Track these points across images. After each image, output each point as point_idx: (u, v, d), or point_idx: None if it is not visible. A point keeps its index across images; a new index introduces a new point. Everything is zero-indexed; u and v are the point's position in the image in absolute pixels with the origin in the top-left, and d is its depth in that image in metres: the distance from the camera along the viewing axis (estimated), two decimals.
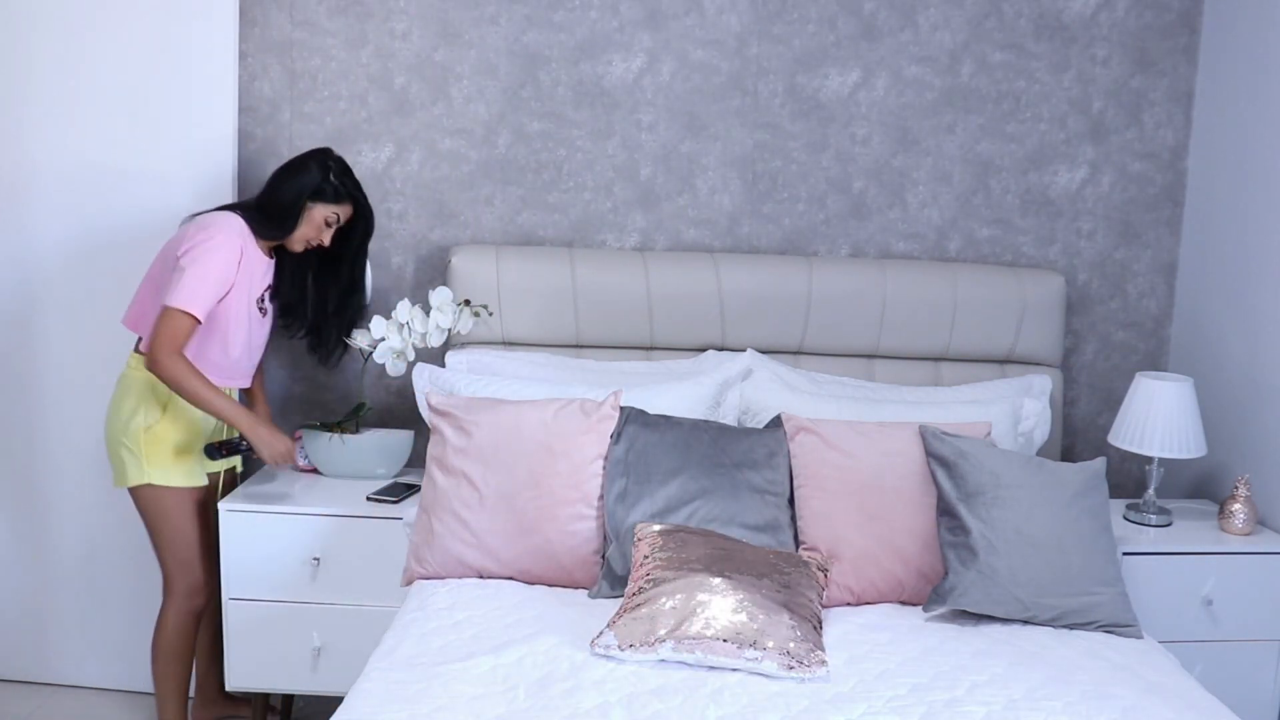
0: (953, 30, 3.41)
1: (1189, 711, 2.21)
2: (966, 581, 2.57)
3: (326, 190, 2.93)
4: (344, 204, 2.97)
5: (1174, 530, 3.13)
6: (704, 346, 3.30)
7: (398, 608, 2.65)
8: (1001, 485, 2.66)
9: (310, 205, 2.93)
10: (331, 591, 3.00)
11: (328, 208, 2.95)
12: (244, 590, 2.99)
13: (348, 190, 2.97)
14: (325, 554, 2.98)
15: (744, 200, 3.45)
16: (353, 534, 2.98)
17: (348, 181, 2.98)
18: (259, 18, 3.31)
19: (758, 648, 2.25)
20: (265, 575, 2.99)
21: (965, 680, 2.29)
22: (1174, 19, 3.45)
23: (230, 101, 3.23)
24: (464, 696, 2.13)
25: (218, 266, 2.80)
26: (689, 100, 3.40)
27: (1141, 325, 3.58)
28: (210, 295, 2.79)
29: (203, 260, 2.78)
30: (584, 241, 3.44)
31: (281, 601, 3.00)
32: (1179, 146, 3.51)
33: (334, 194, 2.94)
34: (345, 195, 2.97)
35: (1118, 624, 2.59)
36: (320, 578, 2.99)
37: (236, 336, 2.90)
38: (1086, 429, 3.58)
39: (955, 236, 3.50)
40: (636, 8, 3.36)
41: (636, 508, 2.67)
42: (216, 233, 2.82)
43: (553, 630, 2.39)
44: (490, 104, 3.38)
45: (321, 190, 2.93)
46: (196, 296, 2.76)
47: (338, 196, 2.95)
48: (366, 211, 3.05)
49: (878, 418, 2.93)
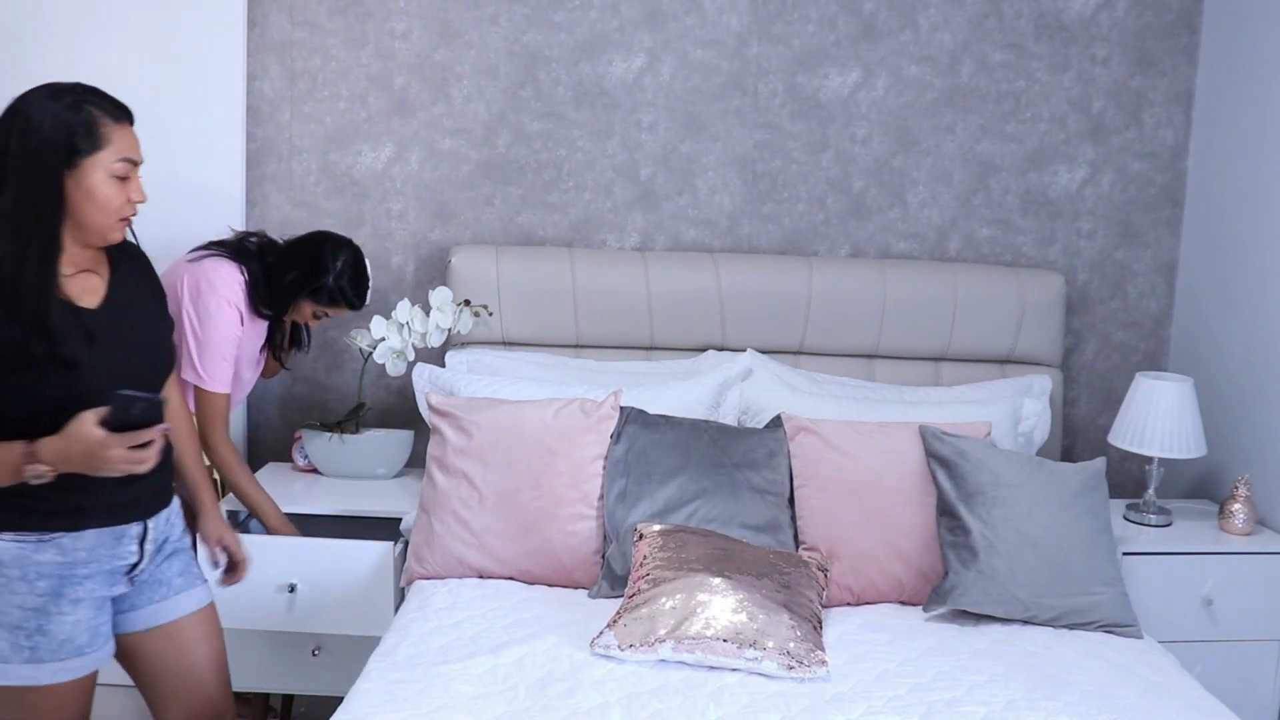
0: (953, 30, 3.41)
1: (1189, 711, 2.21)
2: (966, 581, 2.57)
3: (323, 293, 2.89)
4: (338, 306, 2.95)
5: (1174, 530, 3.13)
6: (704, 346, 3.30)
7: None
8: (1001, 485, 2.66)
9: (302, 300, 2.91)
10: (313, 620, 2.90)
11: (319, 306, 2.93)
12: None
13: (346, 298, 2.93)
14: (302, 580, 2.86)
15: (744, 200, 3.45)
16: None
17: (350, 289, 2.92)
18: (259, 18, 3.31)
19: (758, 648, 2.25)
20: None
21: (965, 680, 2.29)
22: (1174, 19, 3.45)
23: (239, 106, 3.24)
24: (464, 696, 2.13)
25: (227, 337, 2.79)
26: (689, 100, 3.40)
27: (1141, 325, 3.58)
28: (229, 366, 2.81)
29: (213, 335, 2.76)
30: (584, 241, 3.44)
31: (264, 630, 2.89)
32: (1179, 146, 3.51)
33: (330, 297, 2.91)
34: (341, 301, 2.93)
35: (1118, 624, 2.59)
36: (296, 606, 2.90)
37: (237, 381, 2.92)
38: (1086, 429, 3.58)
39: (955, 236, 3.50)
40: (636, 8, 3.36)
41: (636, 508, 2.67)
42: (221, 301, 2.77)
43: (553, 630, 2.39)
44: (490, 104, 3.38)
45: (319, 291, 2.89)
46: (221, 373, 2.79)
47: (333, 300, 2.92)
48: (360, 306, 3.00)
49: (878, 418, 2.93)
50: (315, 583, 2.86)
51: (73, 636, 2.01)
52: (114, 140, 1.96)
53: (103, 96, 1.98)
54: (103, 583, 2.05)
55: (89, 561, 2.02)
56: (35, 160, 1.89)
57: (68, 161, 1.91)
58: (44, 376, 1.90)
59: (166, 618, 2.18)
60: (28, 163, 1.89)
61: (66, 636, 2.00)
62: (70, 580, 2.00)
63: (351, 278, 2.92)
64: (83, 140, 1.92)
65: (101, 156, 1.94)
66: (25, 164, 1.89)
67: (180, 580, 2.20)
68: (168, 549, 2.18)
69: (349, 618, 2.89)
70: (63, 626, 1.99)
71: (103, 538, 2.03)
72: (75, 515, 2.00)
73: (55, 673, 2.00)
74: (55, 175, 1.91)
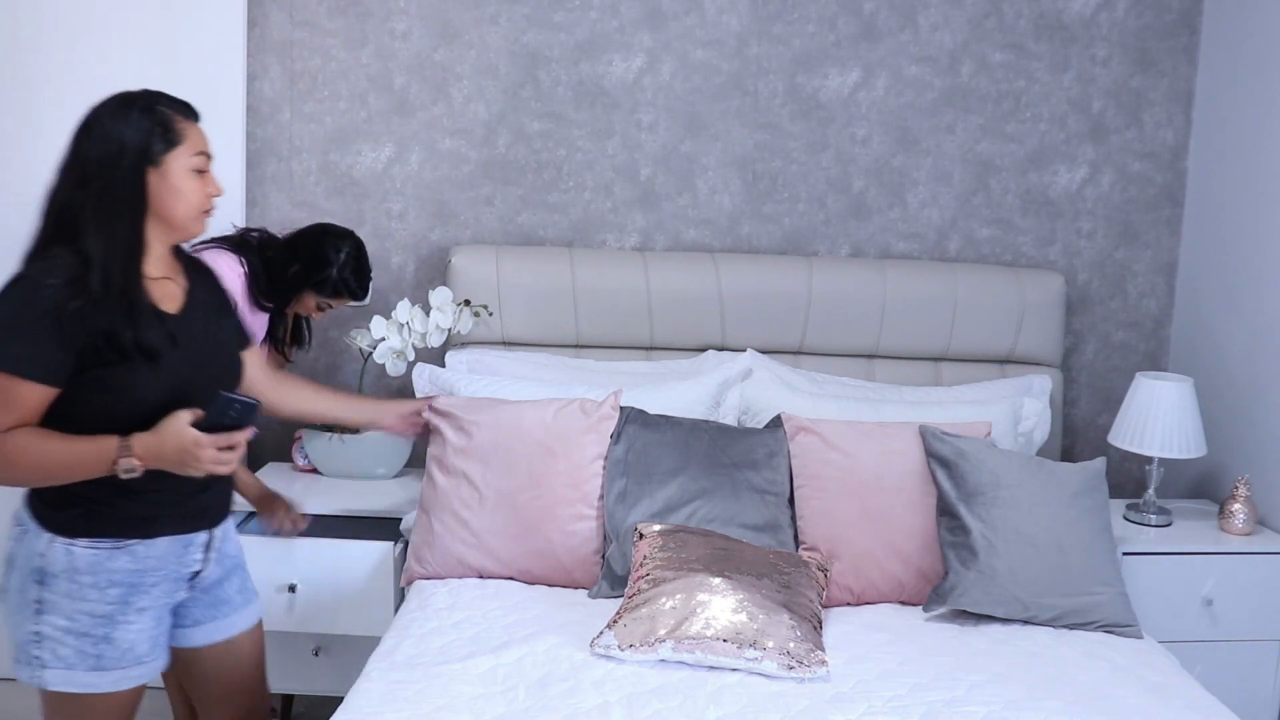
0: (953, 30, 3.41)
1: (1189, 711, 2.21)
2: (966, 581, 2.57)
3: (326, 285, 2.90)
4: (341, 298, 2.95)
5: (1174, 530, 3.13)
6: (704, 346, 3.30)
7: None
8: (1001, 485, 2.66)
9: (306, 292, 2.91)
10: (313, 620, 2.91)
11: (323, 298, 2.93)
12: None
13: (349, 289, 2.94)
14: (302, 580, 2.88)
15: (744, 200, 3.45)
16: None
17: (353, 280, 2.94)
18: (259, 18, 3.31)
19: (758, 648, 2.25)
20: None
21: (965, 680, 2.29)
22: (1174, 19, 3.45)
23: (239, 106, 3.23)
24: (464, 696, 2.13)
25: None
26: (689, 100, 3.40)
27: (1141, 325, 3.58)
28: None
29: None
30: (584, 241, 3.44)
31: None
32: (1179, 146, 3.51)
33: (333, 289, 2.92)
34: (345, 292, 2.94)
35: (1118, 624, 2.59)
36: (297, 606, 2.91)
37: None
38: (1086, 429, 3.58)
39: (955, 236, 3.50)
40: (636, 8, 3.36)
41: (636, 508, 2.67)
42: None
43: (553, 630, 2.39)
44: (490, 104, 3.38)
45: (322, 283, 2.89)
46: None
47: (336, 292, 2.93)
48: (363, 297, 3.01)
49: (878, 418, 2.93)
50: (315, 583, 2.87)
51: (135, 645, 2.07)
52: (189, 136, 2.03)
53: (171, 98, 2.06)
54: (168, 590, 2.12)
55: (158, 569, 2.08)
56: (115, 161, 1.96)
57: (149, 159, 1.98)
58: (130, 371, 1.95)
59: (224, 635, 2.27)
60: (108, 164, 1.96)
61: (130, 645, 2.06)
62: (139, 588, 2.06)
63: (354, 269, 2.94)
64: (161, 137, 2.00)
65: (179, 152, 2.01)
66: (105, 165, 1.96)
67: (239, 598, 2.29)
68: (227, 564, 2.26)
69: (349, 618, 2.89)
70: (127, 634, 2.05)
71: (173, 545, 2.10)
72: (148, 523, 2.06)
73: (116, 681, 2.06)
74: (138, 172, 1.98)
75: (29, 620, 2.02)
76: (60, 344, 1.90)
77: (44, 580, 2.01)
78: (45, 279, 1.92)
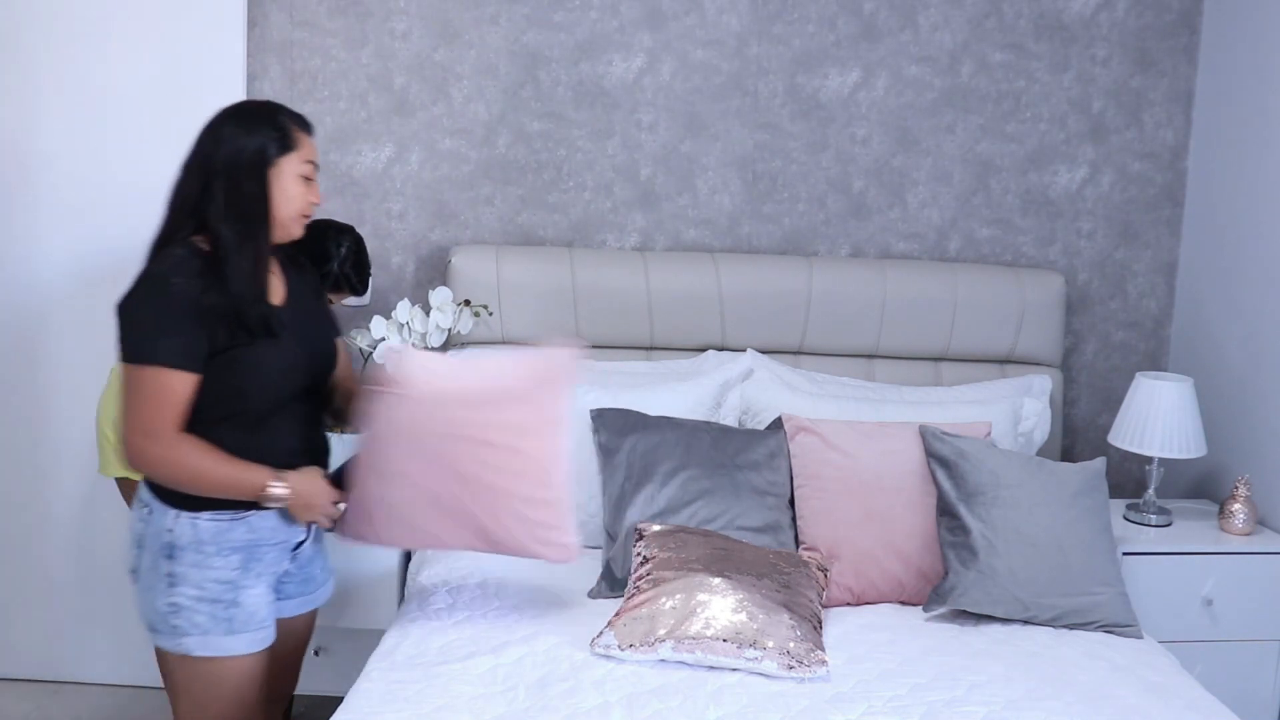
0: (953, 30, 3.41)
1: (1189, 711, 2.21)
2: (966, 581, 2.57)
3: (328, 279, 2.89)
4: (342, 292, 2.95)
5: (1174, 530, 3.13)
6: (704, 346, 3.30)
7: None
8: (1001, 485, 2.66)
9: None
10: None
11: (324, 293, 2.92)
12: None
13: (350, 284, 2.94)
14: None
15: (744, 200, 3.45)
16: None
17: (353, 275, 2.94)
18: (259, 18, 3.31)
19: (758, 647, 2.25)
20: None
21: (965, 680, 2.29)
22: (1174, 19, 3.45)
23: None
24: (464, 696, 2.13)
25: None
26: (689, 100, 3.40)
27: (1141, 325, 3.58)
28: None
29: None
30: (584, 241, 3.45)
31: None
32: (1179, 146, 3.51)
33: (334, 284, 2.91)
34: (345, 287, 2.94)
35: (1118, 624, 2.59)
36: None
37: None
38: (1086, 429, 3.58)
39: (955, 236, 3.50)
40: (636, 8, 3.36)
41: (636, 508, 2.67)
42: None
43: (553, 630, 2.39)
44: (490, 104, 3.38)
45: (324, 278, 2.87)
46: None
47: (337, 287, 2.92)
48: (363, 292, 3.02)
49: (878, 418, 2.93)
50: None
51: (257, 609, 2.22)
52: (302, 145, 2.20)
53: (289, 110, 2.23)
54: (277, 559, 2.27)
55: (270, 539, 2.23)
56: (237, 160, 2.12)
57: (267, 160, 2.15)
58: (252, 349, 2.12)
59: (304, 609, 2.42)
60: (231, 164, 2.12)
61: (254, 608, 2.21)
62: (255, 555, 2.21)
63: (354, 264, 2.95)
64: (278, 142, 2.16)
65: (292, 157, 2.18)
66: (229, 165, 2.12)
67: (321, 575, 2.44)
68: (318, 542, 2.41)
69: (349, 618, 2.89)
70: (250, 598, 2.20)
71: (284, 515, 2.24)
72: None
73: (249, 643, 2.21)
74: (259, 171, 2.14)
75: (163, 594, 2.16)
76: (199, 333, 2.06)
77: (173, 554, 2.15)
78: (172, 276, 2.08)
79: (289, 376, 2.18)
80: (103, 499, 3.26)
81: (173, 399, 2.07)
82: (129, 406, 2.09)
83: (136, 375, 2.08)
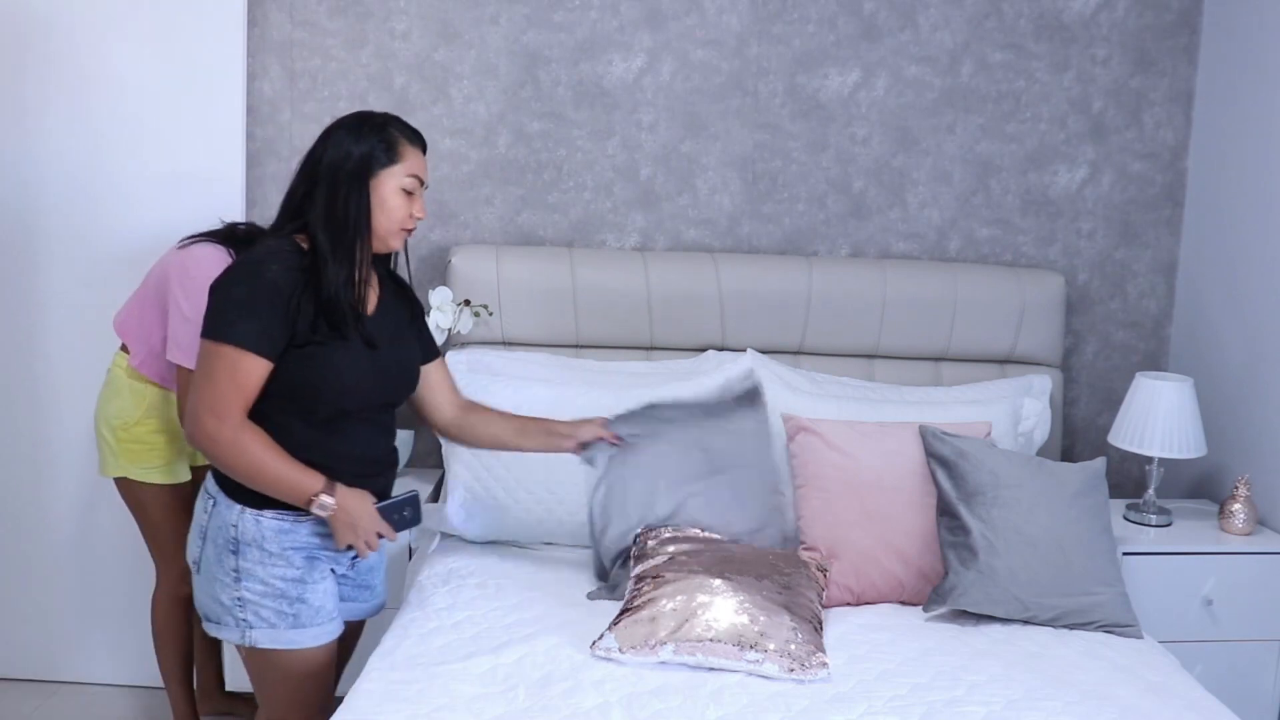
0: (953, 30, 3.41)
1: (1189, 711, 2.21)
2: (966, 581, 2.57)
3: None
4: None
5: (1174, 530, 3.13)
6: (704, 346, 3.29)
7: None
8: (1001, 485, 2.66)
9: None
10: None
11: None
12: None
13: None
14: None
15: (744, 200, 3.45)
16: None
17: None
18: (259, 18, 3.31)
19: (759, 649, 2.25)
20: None
21: (965, 680, 2.29)
22: (1174, 19, 3.45)
23: (239, 106, 3.22)
24: (464, 696, 2.13)
25: None
26: (689, 100, 3.40)
27: (1141, 325, 3.58)
28: None
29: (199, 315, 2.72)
30: (584, 241, 3.45)
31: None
32: (1179, 146, 3.51)
33: None
34: None
35: (1118, 624, 2.59)
36: None
37: None
38: (1086, 429, 3.58)
39: (955, 236, 3.50)
40: (636, 8, 3.36)
41: (635, 509, 2.67)
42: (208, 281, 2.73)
43: (553, 630, 2.39)
44: (490, 104, 3.38)
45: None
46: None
47: None
48: None
49: (878, 418, 2.93)
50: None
51: (324, 604, 2.26)
52: (408, 158, 2.23)
53: (403, 123, 2.27)
54: (337, 559, 2.30)
55: (332, 545, 2.25)
56: (343, 166, 2.17)
57: (369, 170, 2.19)
58: (328, 349, 2.14)
59: (358, 615, 2.46)
60: (335, 168, 2.17)
61: (320, 603, 2.25)
62: (318, 554, 2.25)
63: None
64: (383, 153, 2.20)
65: (396, 170, 2.21)
66: (333, 169, 2.17)
67: (380, 586, 2.49)
68: (380, 551, 2.39)
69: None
70: (317, 593, 2.24)
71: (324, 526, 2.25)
72: None
73: (316, 636, 2.25)
74: (360, 179, 2.18)
75: (230, 588, 2.20)
76: (281, 321, 2.10)
77: (238, 550, 2.19)
78: (270, 262, 2.13)
79: (360, 384, 2.20)
80: (103, 499, 3.26)
81: (243, 380, 2.09)
82: (200, 383, 2.11)
83: (212, 352, 2.10)
